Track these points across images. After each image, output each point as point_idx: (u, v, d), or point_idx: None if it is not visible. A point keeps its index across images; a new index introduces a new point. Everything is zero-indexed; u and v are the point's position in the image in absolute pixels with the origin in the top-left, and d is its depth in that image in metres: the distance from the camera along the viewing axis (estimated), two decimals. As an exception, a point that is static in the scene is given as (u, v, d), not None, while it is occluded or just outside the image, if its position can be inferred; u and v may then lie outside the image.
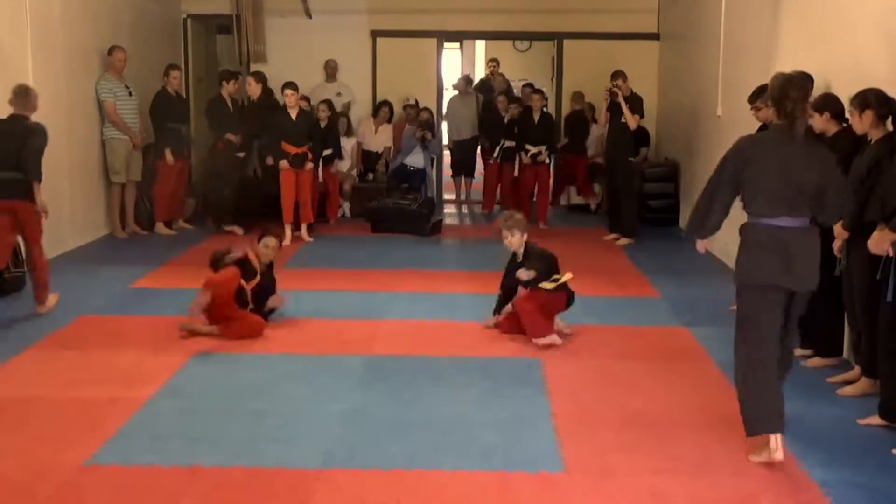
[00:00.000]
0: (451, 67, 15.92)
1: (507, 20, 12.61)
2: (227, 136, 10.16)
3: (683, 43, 11.35)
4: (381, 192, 11.34)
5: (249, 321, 6.29)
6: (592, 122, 11.77)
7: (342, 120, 11.57)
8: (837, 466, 4.30)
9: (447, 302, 7.32)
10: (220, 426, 4.72)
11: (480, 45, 19.10)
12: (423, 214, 10.53)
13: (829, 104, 5.52)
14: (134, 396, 5.07)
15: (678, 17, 11.67)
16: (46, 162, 6.66)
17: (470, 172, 13.00)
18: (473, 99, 12.74)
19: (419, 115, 11.93)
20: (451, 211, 12.47)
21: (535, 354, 5.94)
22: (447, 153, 13.17)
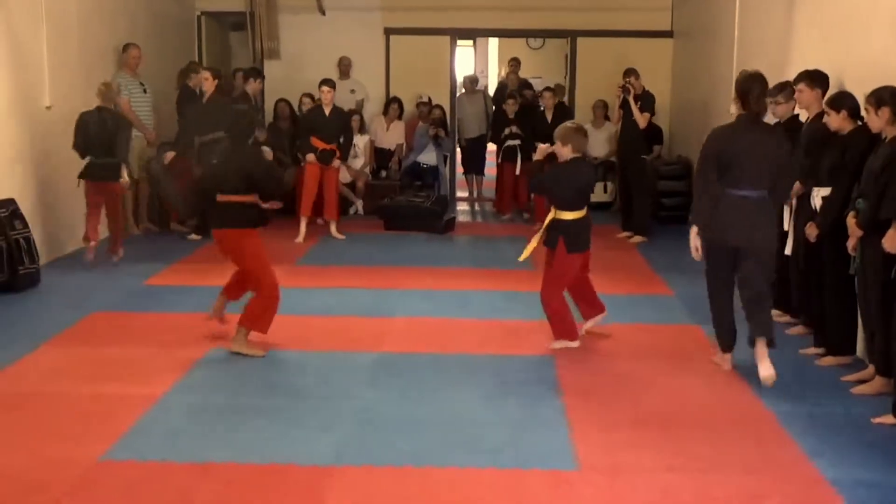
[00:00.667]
0: (464, 65, 15.89)
1: (520, 18, 12.57)
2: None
3: (697, 41, 11.31)
4: (393, 189, 11.37)
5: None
6: (606, 119, 11.75)
7: (355, 117, 11.58)
8: (850, 465, 4.28)
9: (459, 299, 7.32)
10: (233, 423, 4.74)
11: (494, 42, 19.08)
12: (435, 212, 10.52)
13: (844, 101, 5.50)
14: (148, 393, 5.09)
15: (692, 14, 11.63)
16: (62, 157, 6.73)
17: (480, 170, 12.99)
18: (481, 97, 12.72)
19: (431, 112, 11.94)
20: (464, 208, 12.47)
21: (547, 352, 5.94)
22: (458, 151, 13.16)
